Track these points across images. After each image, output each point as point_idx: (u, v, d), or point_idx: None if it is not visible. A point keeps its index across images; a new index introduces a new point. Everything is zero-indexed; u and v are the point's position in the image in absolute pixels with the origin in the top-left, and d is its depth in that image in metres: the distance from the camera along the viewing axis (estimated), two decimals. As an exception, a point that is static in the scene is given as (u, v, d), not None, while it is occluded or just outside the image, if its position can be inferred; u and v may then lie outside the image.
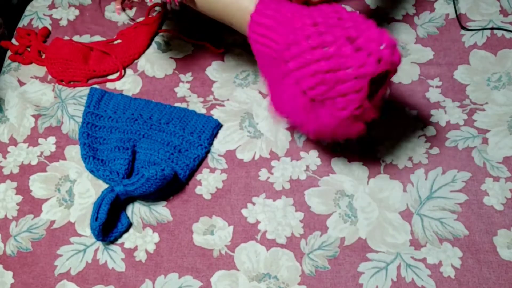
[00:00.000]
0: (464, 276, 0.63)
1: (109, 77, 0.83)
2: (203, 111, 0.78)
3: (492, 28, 0.84)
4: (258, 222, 0.68)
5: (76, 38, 0.87)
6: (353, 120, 0.57)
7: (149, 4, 0.67)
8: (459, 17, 0.85)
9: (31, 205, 0.70)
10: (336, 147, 0.73)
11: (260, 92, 0.79)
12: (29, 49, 0.85)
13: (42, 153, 0.75)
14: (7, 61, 0.86)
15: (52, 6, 0.92)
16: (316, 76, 0.55)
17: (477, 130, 0.74)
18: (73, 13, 0.91)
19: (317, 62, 0.55)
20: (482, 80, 0.79)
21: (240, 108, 0.78)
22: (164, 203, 0.70)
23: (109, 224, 0.66)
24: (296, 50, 0.56)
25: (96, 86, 0.81)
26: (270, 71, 0.62)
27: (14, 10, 0.97)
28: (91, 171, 0.71)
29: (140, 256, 0.66)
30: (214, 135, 0.75)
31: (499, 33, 0.83)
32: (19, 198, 0.71)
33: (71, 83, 0.82)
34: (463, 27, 0.84)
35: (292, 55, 0.56)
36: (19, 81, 0.83)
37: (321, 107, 0.58)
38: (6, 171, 0.73)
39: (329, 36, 0.55)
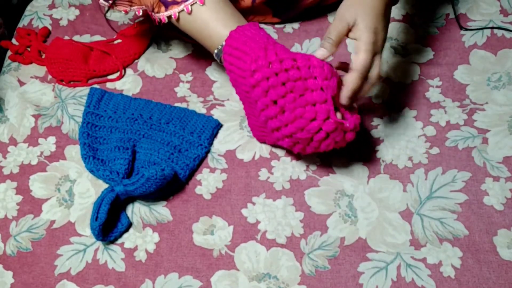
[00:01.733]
0: (464, 276, 0.63)
1: (109, 77, 0.82)
2: (203, 111, 0.78)
3: (492, 28, 0.84)
4: (258, 222, 0.68)
5: (76, 38, 0.87)
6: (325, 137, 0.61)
7: (138, 14, 0.69)
8: (458, 18, 0.85)
9: (31, 205, 0.70)
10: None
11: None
12: (29, 49, 0.85)
13: (42, 153, 0.75)
14: (7, 61, 0.86)
15: (52, 6, 0.92)
16: (287, 84, 0.60)
17: (477, 130, 0.74)
18: (73, 13, 0.91)
19: (287, 71, 0.60)
20: (482, 80, 0.79)
21: (240, 108, 0.77)
22: (164, 203, 0.70)
23: (109, 224, 0.66)
24: (262, 61, 0.61)
25: (96, 86, 0.81)
26: (240, 88, 0.66)
27: (14, 10, 0.97)
28: (91, 171, 0.71)
29: (140, 256, 0.66)
30: (214, 135, 0.75)
31: (499, 33, 0.83)
32: (19, 198, 0.71)
33: (71, 83, 0.82)
34: (462, 27, 0.84)
35: (258, 66, 0.61)
36: (19, 81, 0.83)
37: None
38: (6, 171, 0.73)
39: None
